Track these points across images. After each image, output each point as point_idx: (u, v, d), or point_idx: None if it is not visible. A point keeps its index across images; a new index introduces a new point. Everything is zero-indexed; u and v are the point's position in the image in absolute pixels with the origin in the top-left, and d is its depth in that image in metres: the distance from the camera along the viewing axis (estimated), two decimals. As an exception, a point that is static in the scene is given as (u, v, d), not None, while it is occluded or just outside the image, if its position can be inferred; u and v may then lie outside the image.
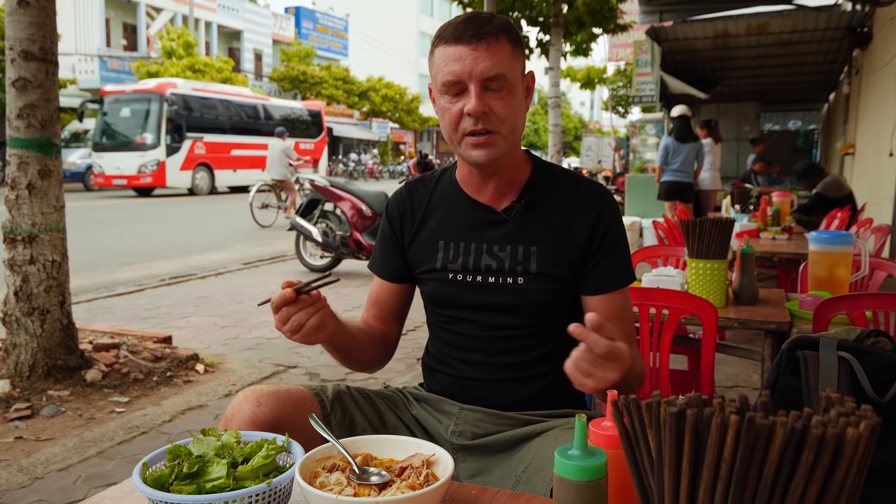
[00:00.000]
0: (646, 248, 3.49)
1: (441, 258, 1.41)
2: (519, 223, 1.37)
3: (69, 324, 3.47)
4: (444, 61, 1.27)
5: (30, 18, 3.23)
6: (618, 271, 1.38)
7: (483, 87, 1.26)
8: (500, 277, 1.37)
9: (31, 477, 2.61)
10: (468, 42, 1.25)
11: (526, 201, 1.38)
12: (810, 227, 5.13)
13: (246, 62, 33.15)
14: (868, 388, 1.28)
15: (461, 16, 1.31)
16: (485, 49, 1.25)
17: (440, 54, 1.28)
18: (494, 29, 1.26)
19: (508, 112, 1.29)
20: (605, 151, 23.78)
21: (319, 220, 7.12)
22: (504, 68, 1.26)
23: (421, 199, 1.47)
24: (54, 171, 3.37)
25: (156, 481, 0.93)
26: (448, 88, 1.28)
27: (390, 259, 1.50)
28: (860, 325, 2.04)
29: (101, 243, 9.34)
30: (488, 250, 1.38)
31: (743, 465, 0.54)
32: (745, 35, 8.69)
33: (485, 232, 1.39)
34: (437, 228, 1.44)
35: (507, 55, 1.27)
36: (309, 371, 4.00)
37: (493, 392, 1.38)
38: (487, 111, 1.27)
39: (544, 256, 1.35)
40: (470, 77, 1.25)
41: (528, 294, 1.35)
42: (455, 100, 1.28)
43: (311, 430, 1.12)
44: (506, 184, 1.39)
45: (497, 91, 1.27)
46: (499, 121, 1.28)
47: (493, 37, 1.26)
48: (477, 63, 1.24)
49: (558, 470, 0.77)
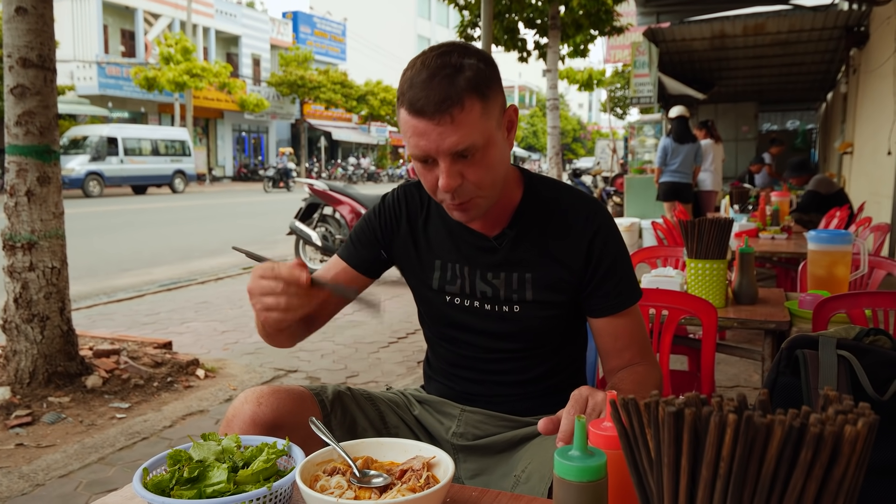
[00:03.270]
0: (645, 249, 3.49)
1: (438, 278, 1.38)
2: (511, 250, 1.32)
3: (69, 330, 3.47)
4: (409, 132, 1.17)
5: (27, 26, 3.24)
6: (620, 293, 1.32)
7: (453, 159, 1.16)
8: (496, 305, 1.34)
9: (33, 484, 2.61)
10: (431, 116, 1.13)
11: (517, 229, 1.33)
12: (809, 227, 5.13)
13: (244, 67, 33.17)
14: (868, 386, 1.28)
15: (425, 68, 1.15)
16: (449, 123, 1.13)
17: (404, 120, 1.18)
18: (458, 92, 1.13)
19: (485, 175, 1.20)
20: (604, 153, 23.93)
21: (318, 224, 7.13)
22: (474, 137, 1.15)
23: (416, 208, 1.42)
24: (53, 177, 3.37)
25: (157, 486, 0.93)
26: (417, 159, 1.20)
27: (364, 252, 1.43)
28: (860, 323, 2.04)
29: (101, 249, 9.34)
30: (482, 276, 1.34)
31: (741, 464, 0.54)
32: (742, 35, 8.70)
33: (478, 257, 1.35)
34: (433, 245, 1.39)
35: (477, 118, 1.15)
36: (309, 375, 4.00)
37: (493, 404, 1.39)
38: (461, 181, 1.18)
39: (539, 283, 1.31)
40: (437, 152, 1.16)
41: (525, 321, 1.33)
42: (428, 168, 1.20)
43: (311, 431, 1.12)
44: (496, 212, 1.32)
45: (470, 158, 1.17)
46: (475, 188, 1.20)
47: (458, 105, 1.13)
48: (443, 139, 1.14)
49: (558, 471, 0.77)
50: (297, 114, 35.28)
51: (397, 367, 4.07)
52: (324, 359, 4.30)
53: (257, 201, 19.60)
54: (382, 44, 43.40)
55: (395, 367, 4.07)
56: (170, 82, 24.86)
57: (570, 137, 51.34)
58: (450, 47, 1.18)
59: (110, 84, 26.45)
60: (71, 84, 24.32)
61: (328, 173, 33.58)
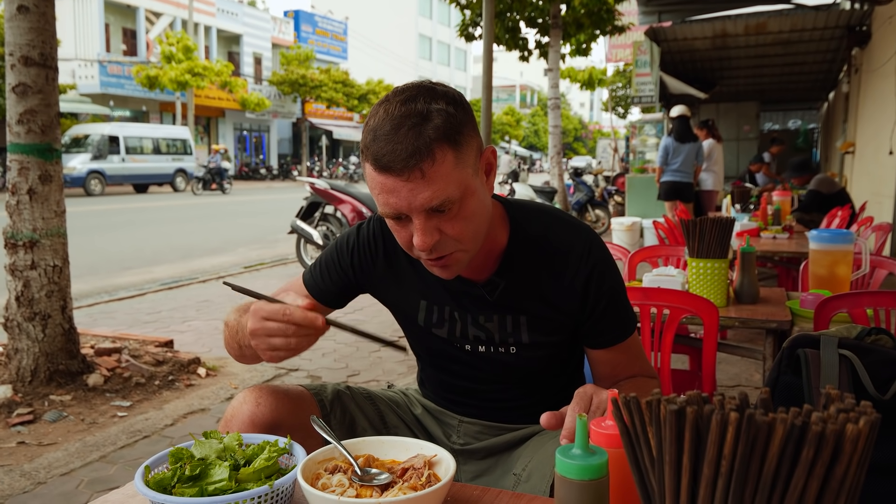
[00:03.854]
0: (646, 249, 3.49)
1: (423, 318, 1.31)
2: (503, 297, 1.25)
3: (71, 328, 3.47)
4: (377, 189, 1.06)
5: (29, 24, 3.24)
6: (617, 325, 1.28)
7: (427, 216, 1.07)
8: (491, 347, 1.29)
9: (34, 482, 2.61)
10: (399, 173, 1.03)
11: (507, 277, 1.24)
12: (811, 226, 5.13)
13: (245, 66, 33.18)
14: (869, 385, 1.28)
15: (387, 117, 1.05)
16: (420, 178, 1.03)
17: (371, 176, 1.07)
18: (427, 144, 1.02)
19: (465, 228, 1.10)
20: (605, 152, 24.05)
21: (320, 223, 7.13)
22: (449, 190, 1.05)
23: (395, 245, 1.30)
24: (55, 176, 3.38)
25: (158, 484, 0.93)
26: (389, 217, 1.10)
27: (331, 286, 1.36)
28: (861, 323, 2.04)
29: (103, 248, 9.35)
30: (474, 321, 1.28)
31: (743, 462, 0.54)
32: (743, 35, 8.70)
33: (467, 302, 1.27)
34: (417, 284, 1.30)
35: (450, 169, 1.05)
36: (310, 374, 4.00)
37: (491, 417, 1.38)
38: (439, 237, 1.09)
39: (535, 326, 1.26)
40: (410, 209, 1.06)
41: (522, 362, 1.29)
42: (401, 224, 1.10)
43: (311, 430, 1.12)
44: (482, 256, 1.23)
45: (447, 212, 1.07)
46: (455, 241, 1.11)
47: (428, 158, 1.02)
48: (415, 195, 1.04)
49: (560, 469, 0.77)
50: (298, 113, 35.29)
51: (398, 365, 4.08)
52: (325, 357, 4.31)
53: (258, 200, 19.61)
54: (384, 43, 43.39)
55: (396, 366, 4.07)
56: (171, 81, 24.86)
57: (571, 137, 51.34)
58: (414, 91, 1.07)
59: (112, 83, 26.46)
60: (72, 82, 24.34)
61: (329, 172, 33.59)
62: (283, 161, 35.30)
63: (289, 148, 37.45)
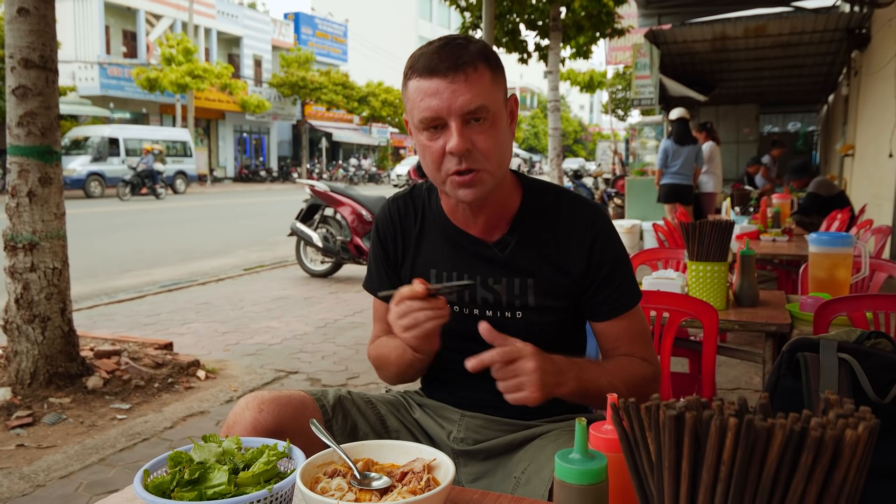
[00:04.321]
0: (646, 251, 3.49)
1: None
2: (512, 255, 1.31)
3: (70, 331, 3.47)
4: (420, 96, 1.17)
5: (29, 26, 3.24)
6: (620, 296, 1.31)
7: (464, 121, 1.16)
8: (498, 311, 1.32)
9: (33, 485, 2.61)
10: (444, 74, 1.14)
11: (518, 235, 1.31)
12: (810, 229, 5.13)
13: (245, 68, 33.20)
14: (869, 389, 1.28)
15: (434, 43, 1.20)
16: (463, 81, 1.15)
17: (414, 88, 1.18)
18: (472, 57, 1.16)
19: (493, 146, 1.19)
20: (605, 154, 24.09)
21: (320, 225, 7.13)
22: (485, 99, 1.16)
23: (410, 221, 1.40)
24: (55, 178, 3.38)
25: (157, 488, 0.93)
26: (426, 125, 1.18)
27: (388, 279, 1.42)
28: (861, 326, 2.04)
29: (102, 250, 9.35)
30: (483, 283, 1.32)
31: (742, 468, 0.54)
32: (743, 37, 8.71)
33: (478, 265, 1.32)
34: (429, 255, 1.37)
35: (488, 84, 1.17)
36: (310, 377, 4.00)
37: (494, 409, 1.37)
38: (471, 148, 1.17)
39: (541, 289, 1.30)
40: (449, 112, 1.15)
41: (528, 328, 1.30)
42: (435, 136, 1.18)
43: (313, 436, 1.12)
44: (496, 215, 1.31)
45: (479, 124, 1.17)
46: (483, 157, 1.19)
47: (471, 66, 1.16)
48: (456, 96, 1.14)
49: (559, 474, 0.77)
50: (298, 115, 35.31)
51: (398, 368, 4.07)
52: (325, 360, 4.30)
53: (258, 202, 19.62)
54: (384, 45, 43.40)
55: (396, 369, 4.07)
56: (171, 83, 24.88)
57: (571, 139, 51.37)
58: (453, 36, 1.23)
59: (112, 85, 26.48)
60: (72, 85, 24.35)
61: (329, 174, 33.60)
62: (283, 163, 35.32)
63: (289, 150, 37.46)
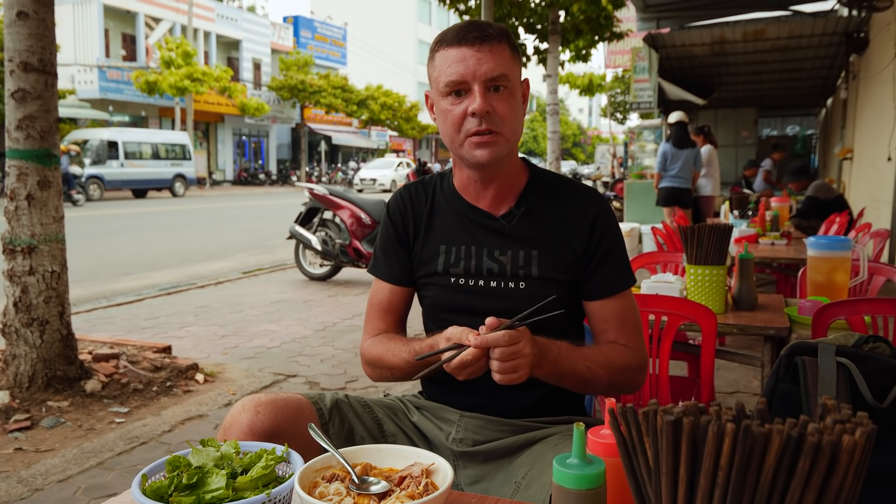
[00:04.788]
0: (645, 255, 3.49)
1: (442, 262, 1.42)
2: (518, 228, 1.39)
3: (69, 334, 3.47)
4: (447, 63, 1.29)
5: (29, 30, 3.24)
6: (617, 275, 1.39)
7: (486, 87, 1.28)
8: (502, 282, 1.38)
9: (31, 488, 2.60)
10: (471, 43, 1.28)
11: (524, 207, 1.40)
12: (809, 233, 5.13)
13: (245, 71, 33.22)
14: (867, 393, 1.28)
15: (461, 22, 1.34)
16: (488, 50, 1.28)
17: (442, 57, 1.31)
18: (496, 32, 1.30)
19: (510, 113, 1.31)
20: (604, 158, 24.11)
21: (318, 228, 7.13)
22: (506, 69, 1.29)
23: (421, 203, 1.48)
24: (53, 181, 3.38)
25: (155, 493, 0.93)
26: (451, 89, 1.30)
27: (397, 262, 1.48)
28: (859, 330, 2.04)
29: (101, 253, 9.34)
30: (489, 254, 1.39)
31: (740, 473, 0.54)
32: (742, 41, 8.72)
33: (485, 236, 1.40)
34: (438, 233, 1.44)
35: (508, 58, 1.31)
36: (309, 380, 3.99)
37: (493, 400, 1.38)
38: (491, 111, 1.29)
39: (545, 261, 1.36)
40: (474, 77, 1.28)
41: (529, 299, 1.33)
42: (458, 101, 1.30)
43: (310, 439, 1.12)
44: (504, 190, 1.41)
45: (500, 92, 1.30)
46: (501, 121, 1.30)
47: (496, 40, 1.29)
48: (481, 63, 1.27)
49: (557, 478, 0.77)
50: (297, 118, 35.32)
51: (397, 371, 4.07)
52: (323, 363, 4.30)
53: (257, 205, 19.61)
54: (383, 48, 43.45)
55: (395, 372, 4.06)
56: (170, 86, 24.88)
57: (570, 142, 51.41)
58: (477, 19, 1.39)
59: (111, 88, 26.47)
60: (72, 88, 24.36)
61: (328, 178, 33.60)
62: (282, 166, 35.32)
63: (288, 153, 37.46)
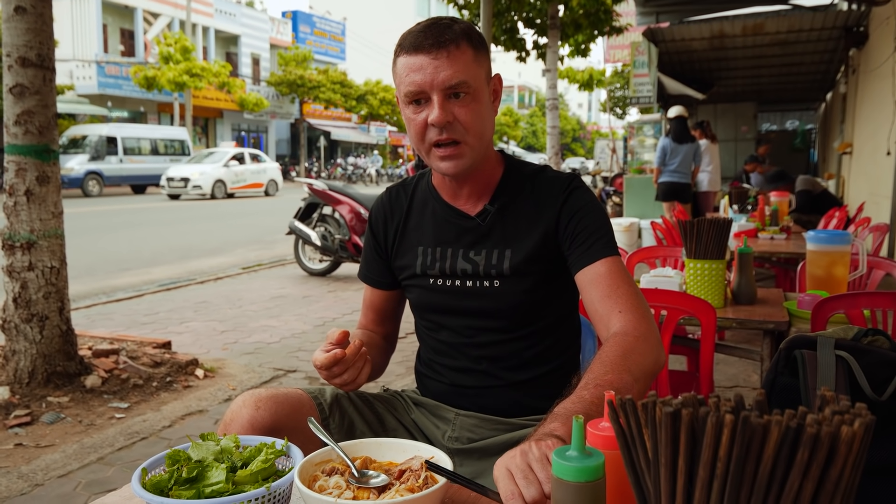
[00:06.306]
0: (644, 249, 3.49)
1: (420, 264, 1.41)
2: (493, 227, 1.37)
3: (68, 330, 3.47)
4: (405, 71, 1.25)
5: (27, 25, 3.24)
6: (596, 241, 1.30)
7: (445, 95, 1.24)
8: (476, 281, 1.37)
9: (32, 484, 2.61)
10: (428, 51, 1.23)
11: (498, 204, 1.38)
12: (808, 227, 5.14)
13: (244, 66, 33.15)
14: (866, 386, 1.28)
15: (422, 23, 1.29)
16: (445, 57, 1.23)
17: (401, 64, 1.27)
18: (454, 35, 1.25)
19: (473, 120, 1.27)
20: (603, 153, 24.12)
21: (318, 223, 7.13)
22: (466, 75, 1.24)
23: (401, 205, 1.48)
24: (52, 177, 3.37)
25: (155, 486, 0.93)
26: (411, 98, 1.26)
27: (376, 268, 1.51)
28: (858, 323, 2.04)
29: (100, 249, 9.34)
30: (464, 255, 1.38)
31: (738, 464, 0.54)
32: (741, 35, 8.71)
33: (461, 236, 1.39)
34: (416, 234, 1.44)
35: (469, 61, 1.26)
36: (309, 375, 4.00)
37: (484, 399, 1.38)
38: (452, 120, 1.25)
39: (518, 257, 1.34)
40: (431, 87, 1.23)
41: (504, 297, 1.35)
42: (419, 109, 1.27)
43: (310, 434, 1.12)
44: (479, 188, 1.39)
45: (461, 98, 1.26)
46: (464, 129, 1.26)
47: (454, 44, 1.24)
48: (438, 72, 1.23)
49: (556, 471, 0.77)
50: (296, 113, 35.27)
51: (396, 366, 4.07)
52: (323, 358, 4.30)
53: (257, 200, 19.59)
54: (382, 43, 43.35)
55: (394, 367, 4.06)
56: (169, 82, 24.83)
57: (569, 137, 51.34)
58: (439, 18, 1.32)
59: (109, 83, 26.43)
60: (70, 83, 24.29)
61: (327, 173, 33.56)
62: (282, 162, 35.27)
63: (287, 148, 37.42)
